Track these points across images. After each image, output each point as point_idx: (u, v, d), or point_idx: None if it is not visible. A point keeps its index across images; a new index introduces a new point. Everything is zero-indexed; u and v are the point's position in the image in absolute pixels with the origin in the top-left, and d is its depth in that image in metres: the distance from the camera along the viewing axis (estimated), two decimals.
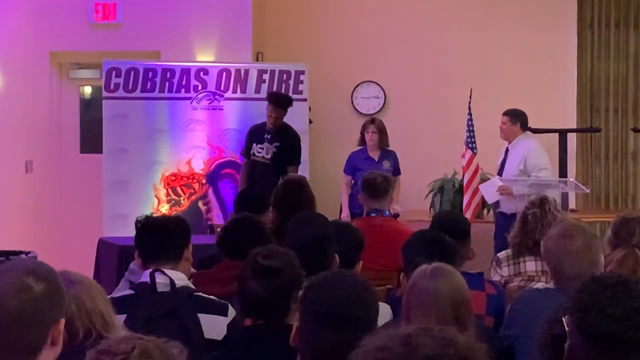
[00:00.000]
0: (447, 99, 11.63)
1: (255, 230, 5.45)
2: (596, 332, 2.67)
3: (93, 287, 3.65)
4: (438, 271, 3.77)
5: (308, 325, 3.06)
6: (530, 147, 9.96)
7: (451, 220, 6.32)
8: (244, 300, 3.88)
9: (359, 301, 3.05)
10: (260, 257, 3.89)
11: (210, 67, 10.85)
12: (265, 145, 9.90)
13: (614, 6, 12.26)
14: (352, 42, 12.09)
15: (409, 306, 3.73)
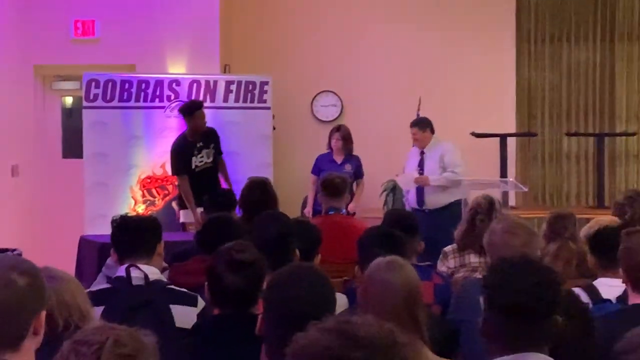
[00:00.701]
0: (398, 107, 11.65)
1: (231, 228, 5.45)
2: (505, 304, 2.82)
3: (72, 282, 3.63)
4: (392, 264, 3.78)
5: (271, 322, 3.06)
6: (447, 148, 10.07)
7: (401, 216, 6.34)
8: (218, 291, 3.87)
9: (318, 299, 3.05)
10: (234, 251, 3.89)
11: (181, 79, 10.82)
12: (204, 152, 9.81)
13: (549, 23, 12.33)
14: (312, 55, 12.09)
15: (366, 296, 3.73)
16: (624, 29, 12.32)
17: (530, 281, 2.84)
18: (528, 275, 2.86)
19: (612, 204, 7.73)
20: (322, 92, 12.22)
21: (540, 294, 2.82)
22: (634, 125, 12.32)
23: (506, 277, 2.87)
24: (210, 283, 3.93)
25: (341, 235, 6.77)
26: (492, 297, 2.88)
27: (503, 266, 2.95)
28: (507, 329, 2.84)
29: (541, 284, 2.85)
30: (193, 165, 9.73)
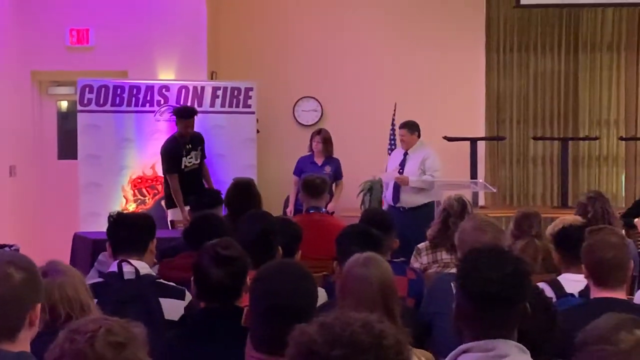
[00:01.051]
0: (374, 112, 11.67)
1: (217, 226, 5.45)
2: (477, 292, 2.84)
3: (76, 277, 3.63)
4: (369, 260, 3.78)
5: (257, 314, 3.06)
6: (428, 153, 10.08)
7: (377, 215, 6.35)
8: (204, 285, 3.87)
9: (301, 293, 3.06)
10: (219, 247, 3.89)
11: (171, 85, 10.80)
12: (192, 153, 9.80)
13: (517, 34, 12.38)
14: (294, 63, 12.09)
15: (344, 290, 3.73)
16: (587, 40, 12.37)
17: (501, 270, 2.83)
18: (499, 265, 2.86)
19: (575, 204, 7.76)
20: (303, 97, 12.22)
21: (510, 282, 2.83)
22: (596, 130, 12.37)
23: (478, 266, 2.87)
24: (196, 278, 3.92)
25: (320, 232, 6.77)
26: (465, 284, 2.88)
27: (475, 256, 2.95)
28: (478, 315, 2.84)
29: (511, 273, 2.84)
30: (183, 165, 9.72)
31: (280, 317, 2.97)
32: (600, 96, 12.38)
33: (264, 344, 2.99)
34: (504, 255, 2.95)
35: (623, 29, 12.36)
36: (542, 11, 12.28)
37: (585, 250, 4.28)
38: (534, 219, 6.06)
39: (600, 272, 4.17)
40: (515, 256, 3.01)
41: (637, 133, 12.31)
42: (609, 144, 12.42)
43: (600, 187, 12.05)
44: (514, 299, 2.84)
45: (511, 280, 2.83)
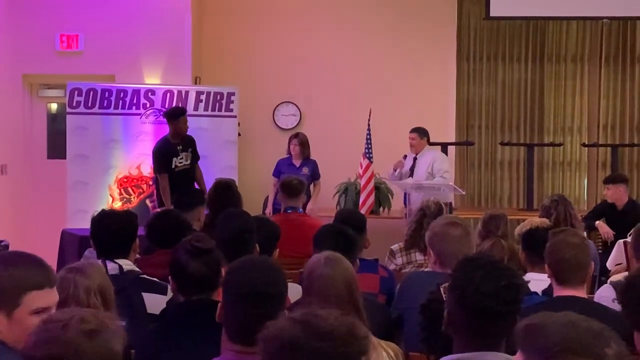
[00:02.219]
0: (350, 117, 11.65)
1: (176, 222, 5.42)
2: (473, 306, 2.72)
3: (91, 280, 3.59)
4: (330, 259, 3.75)
5: (230, 304, 3.04)
6: (436, 155, 10.29)
7: (350, 215, 6.34)
8: (182, 278, 3.84)
9: (271, 281, 3.04)
10: (193, 241, 3.88)
11: (156, 89, 10.77)
12: (183, 154, 9.75)
13: (486, 44, 12.41)
14: (275, 70, 12.07)
15: (310, 289, 3.70)
16: (552, 51, 12.42)
17: (497, 284, 2.74)
18: (494, 278, 2.75)
19: (539, 206, 7.77)
20: (283, 102, 12.20)
21: (505, 296, 2.73)
22: (560, 136, 12.42)
23: (474, 279, 2.76)
24: (174, 272, 3.89)
25: (297, 231, 6.77)
26: (460, 296, 2.77)
27: (470, 267, 2.83)
28: (469, 325, 2.75)
29: (506, 286, 2.75)
30: (173, 165, 9.65)
31: (252, 304, 2.95)
32: (565, 104, 12.42)
33: (238, 335, 2.97)
34: (499, 267, 2.84)
35: (586, 41, 12.41)
36: (510, 23, 12.32)
37: (547, 250, 4.30)
38: (500, 220, 6.07)
39: (561, 271, 4.18)
40: (509, 268, 2.90)
41: (598, 140, 12.36)
42: (572, 150, 12.47)
43: (564, 190, 12.09)
44: (507, 312, 2.74)
45: (506, 294, 2.74)
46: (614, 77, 12.40)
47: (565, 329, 2.08)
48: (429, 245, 4.79)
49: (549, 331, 2.09)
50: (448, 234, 4.64)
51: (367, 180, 10.38)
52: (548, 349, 2.07)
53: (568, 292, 4.13)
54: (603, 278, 7.18)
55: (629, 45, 12.35)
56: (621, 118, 12.42)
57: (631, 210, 9.31)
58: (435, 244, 4.69)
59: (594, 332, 2.06)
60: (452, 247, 4.59)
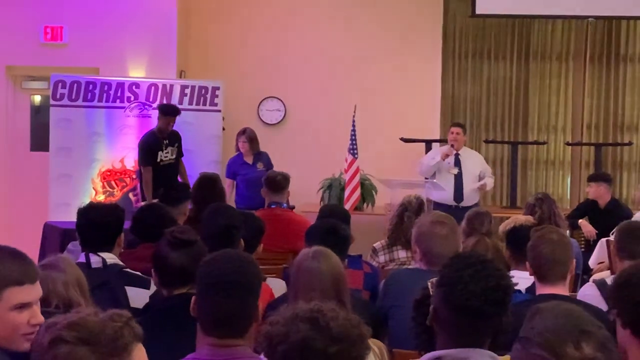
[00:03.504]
0: (335, 113, 11.65)
1: (161, 216, 5.41)
2: (459, 304, 2.71)
3: (69, 275, 3.56)
4: (318, 253, 3.76)
5: (202, 296, 3.05)
6: (481, 157, 10.76)
7: (335, 211, 6.34)
8: (165, 272, 3.83)
9: (242, 271, 3.05)
10: (176, 233, 3.87)
11: (141, 82, 10.74)
12: (169, 149, 9.75)
13: (471, 42, 12.41)
14: (260, 64, 12.05)
15: (297, 283, 3.71)
16: (537, 49, 12.43)
17: (485, 284, 2.72)
18: (483, 278, 2.73)
19: (523, 204, 7.79)
20: (267, 97, 12.18)
21: (493, 297, 2.72)
22: (544, 135, 12.44)
23: (462, 278, 2.74)
24: (156, 264, 3.88)
25: (281, 227, 6.77)
26: (447, 295, 2.75)
27: (460, 265, 2.80)
28: (455, 323, 2.74)
29: (494, 287, 2.73)
30: (159, 158, 9.66)
31: (222, 294, 2.96)
32: (549, 103, 12.44)
33: (212, 327, 2.97)
34: (488, 267, 2.81)
35: (571, 40, 12.44)
36: (496, 21, 12.33)
37: (528, 247, 4.31)
38: (484, 218, 6.08)
39: (540, 267, 4.20)
40: (499, 269, 2.87)
41: (582, 139, 12.39)
42: (556, 149, 12.49)
43: (547, 189, 12.11)
44: (493, 313, 2.73)
45: (493, 295, 2.72)
46: (599, 76, 12.43)
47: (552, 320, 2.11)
48: (415, 243, 4.78)
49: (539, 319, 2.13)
50: (435, 233, 4.64)
51: (351, 176, 10.39)
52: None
53: (550, 290, 4.14)
54: (585, 276, 7.21)
55: (613, 45, 12.38)
56: (605, 117, 12.45)
57: (614, 209, 9.35)
58: (421, 242, 4.69)
59: (562, 327, 2.09)
60: (438, 245, 4.59)
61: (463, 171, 10.14)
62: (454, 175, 10.16)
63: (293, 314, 2.23)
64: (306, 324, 2.18)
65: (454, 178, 10.17)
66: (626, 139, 12.30)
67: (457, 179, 10.18)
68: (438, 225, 4.68)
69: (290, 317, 2.23)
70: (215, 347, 2.93)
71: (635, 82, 12.37)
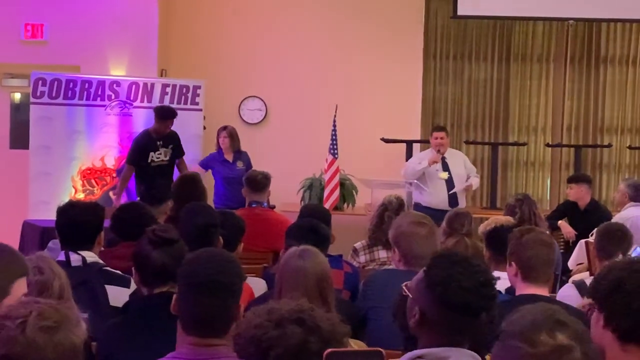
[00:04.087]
0: (317, 113, 11.65)
1: (141, 215, 5.39)
2: (456, 302, 2.71)
3: (54, 276, 3.55)
4: (306, 252, 3.76)
5: (185, 294, 3.04)
6: (464, 156, 10.58)
7: (315, 210, 6.34)
8: (146, 270, 3.82)
9: (225, 271, 3.04)
10: (158, 231, 3.85)
11: (122, 80, 10.71)
12: (162, 150, 9.73)
13: (453, 43, 12.43)
14: (241, 64, 12.04)
15: (282, 281, 3.71)
16: (518, 51, 12.47)
17: (476, 280, 2.74)
18: (473, 274, 2.75)
19: (503, 205, 7.81)
20: (249, 97, 12.17)
21: (484, 292, 2.74)
22: (524, 136, 12.48)
23: (454, 276, 2.74)
24: (137, 264, 3.87)
25: (262, 226, 6.77)
26: (442, 294, 2.74)
27: (447, 263, 2.81)
28: (445, 322, 2.74)
29: (485, 283, 2.76)
30: (150, 159, 9.63)
31: (203, 294, 2.96)
32: (529, 104, 12.48)
33: (192, 326, 2.97)
34: (473, 264, 2.82)
35: (552, 42, 12.48)
36: (478, 22, 12.36)
37: (516, 248, 4.30)
38: (464, 218, 6.09)
39: (530, 269, 4.20)
40: (480, 264, 2.88)
41: (562, 140, 12.44)
42: (536, 150, 12.53)
43: (527, 190, 12.15)
44: (487, 307, 2.74)
45: (484, 290, 2.75)
46: (579, 78, 12.49)
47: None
48: (394, 243, 4.78)
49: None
50: (415, 234, 4.64)
51: (331, 176, 10.39)
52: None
53: (532, 290, 4.15)
54: (564, 277, 7.24)
55: (594, 47, 12.44)
56: (585, 119, 12.51)
57: (593, 210, 9.38)
58: (401, 242, 4.69)
59: (537, 317, 2.10)
60: (418, 246, 4.60)
61: (452, 174, 10.01)
62: (445, 180, 9.98)
63: (278, 316, 2.23)
64: (297, 326, 2.18)
65: (446, 183, 9.99)
66: (606, 141, 12.36)
67: (449, 183, 10.00)
68: (417, 226, 4.69)
69: (276, 319, 2.22)
70: (195, 347, 2.93)
71: (615, 85, 12.43)
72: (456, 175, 10.01)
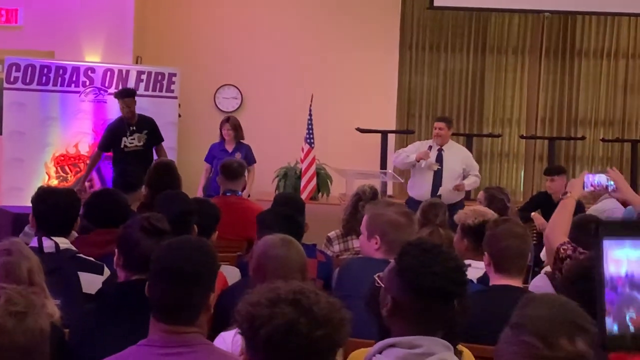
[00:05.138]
0: (292, 102, 11.66)
1: (115, 202, 5.36)
2: (426, 287, 2.73)
3: (25, 260, 3.54)
4: (288, 241, 3.76)
5: (153, 281, 3.04)
6: (467, 152, 10.02)
7: (289, 199, 6.34)
8: (133, 256, 3.78)
9: (191, 260, 3.02)
10: (152, 220, 3.82)
11: (96, 67, 10.67)
12: (135, 135, 9.62)
13: (429, 33, 12.48)
14: (217, 52, 12.02)
15: (264, 271, 3.67)
16: (494, 43, 12.53)
17: (446, 266, 2.76)
18: (443, 260, 2.78)
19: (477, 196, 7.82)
20: (224, 85, 12.16)
21: (455, 278, 2.76)
22: (499, 128, 12.54)
23: (424, 261, 2.76)
24: (124, 247, 3.82)
25: (236, 215, 6.75)
26: (412, 280, 2.76)
27: (417, 250, 2.83)
28: (416, 309, 2.75)
29: (455, 269, 2.79)
30: (122, 144, 9.48)
31: (172, 281, 2.95)
32: (504, 96, 12.55)
33: (162, 313, 2.96)
34: (443, 251, 2.86)
35: (528, 34, 12.55)
36: (454, 14, 12.40)
37: (490, 239, 4.31)
38: (439, 209, 6.11)
39: (504, 260, 4.21)
40: (450, 252, 2.93)
41: (536, 132, 12.51)
42: (510, 142, 12.60)
43: (501, 181, 12.23)
44: (458, 293, 2.77)
45: (455, 275, 2.77)
46: (554, 70, 12.56)
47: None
48: (376, 231, 4.78)
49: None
50: (402, 223, 4.64)
51: (307, 165, 10.39)
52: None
53: (505, 282, 4.17)
54: (537, 269, 7.27)
55: (568, 40, 12.51)
56: (559, 111, 12.58)
57: None
58: (388, 231, 4.68)
59: (556, 318, 2.08)
60: (405, 235, 4.61)
61: (444, 167, 9.58)
62: (434, 171, 9.59)
63: (275, 295, 2.22)
64: (290, 307, 2.17)
65: (433, 174, 9.59)
66: (579, 133, 12.45)
67: (437, 175, 9.61)
68: (403, 215, 4.70)
69: (273, 298, 2.21)
70: (167, 334, 2.92)
71: (589, 77, 12.51)
72: (450, 170, 9.58)
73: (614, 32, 12.53)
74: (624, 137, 12.48)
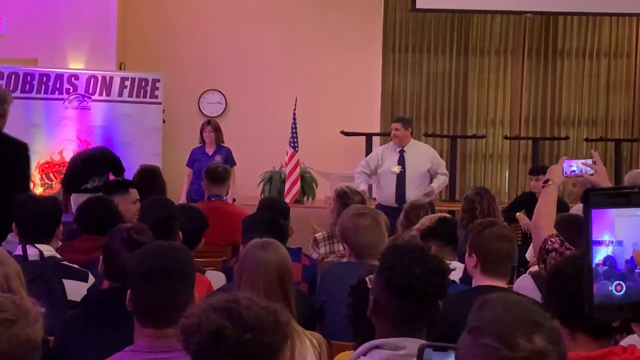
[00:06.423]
0: (276, 106, 11.65)
1: (107, 209, 5.35)
2: (402, 286, 2.76)
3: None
4: (268, 244, 3.76)
5: (134, 286, 3.04)
6: (432, 152, 9.63)
7: (274, 203, 6.34)
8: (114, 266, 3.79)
9: (173, 258, 3.05)
10: (133, 232, 3.82)
11: (80, 74, 10.65)
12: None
13: (412, 35, 12.49)
14: (201, 57, 12.01)
15: (242, 272, 3.70)
16: (476, 44, 12.55)
17: (425, 267, 2.79)
18: (422, 261, 2.81)
19: (462, 198, 7.83)
20: (208, 90, 12.15)
21: (432, 278, 2.79)
22: (482, 129, 12.56)
23: (403, 262, 2.80)
24: (106, 256, 3.84)
25: (221, 219, 6.74)
26: (389, 278, 2.80)
27: (399, 251, 2.88)
28: (396, 308, 2.79)
29: (434, 271, 2.81)
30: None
31: (153, 283, 2.97)
32: (488, 97, 12.57)
33: (147, 318, 2.96)
34: (426, 253, 2.90)
35: (510, 35, 12.57)
36: (436, 15, 12.42)
37: (477, 240, 4.30)
38: (421, 210, 6.14)
39: (491, 262, 4.22)
40: (435, 255, 2.96)
41: (520, 133, 12.54)
42: (494, 143, 12.62)
43: (486, 182, 12.25)
44: (433, 294, 2.80)
45: (433, 277, 2.80)
46: (536, 71, 12.59)
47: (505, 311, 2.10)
48: (341, 239, 4.81)
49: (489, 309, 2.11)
50: (358, 225, 4.67)
51: (292, 169, 10.39)
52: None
53: (490, 282, 4.18)
54: (522, 269, 7.28)
55: (551, 40, 12.55)
56: (542, 112, 12.62)
57: None
58: (347, 236, 4.72)
59: (514, 317, 2.08)
60: (364, 237, 4.63)
61: (407, 169, 9.21)
62: (397, 174, 9.19)
63: (207, 305, 2.24)
64: (217, 313, 2.19)
65: (397, 177, 9.20)
66: (563, 133, 12.48)
67: (400, 178, 9.20)
68: (360, 217, 4.72)
69: (204, 308, 2.23)
70: (153, 339, 2.92)
71: (571, 77, 12.56)
72: (414, 171, 9.23)
73: (596, 32, 12.57)
74: (607, 136, 12.52)
